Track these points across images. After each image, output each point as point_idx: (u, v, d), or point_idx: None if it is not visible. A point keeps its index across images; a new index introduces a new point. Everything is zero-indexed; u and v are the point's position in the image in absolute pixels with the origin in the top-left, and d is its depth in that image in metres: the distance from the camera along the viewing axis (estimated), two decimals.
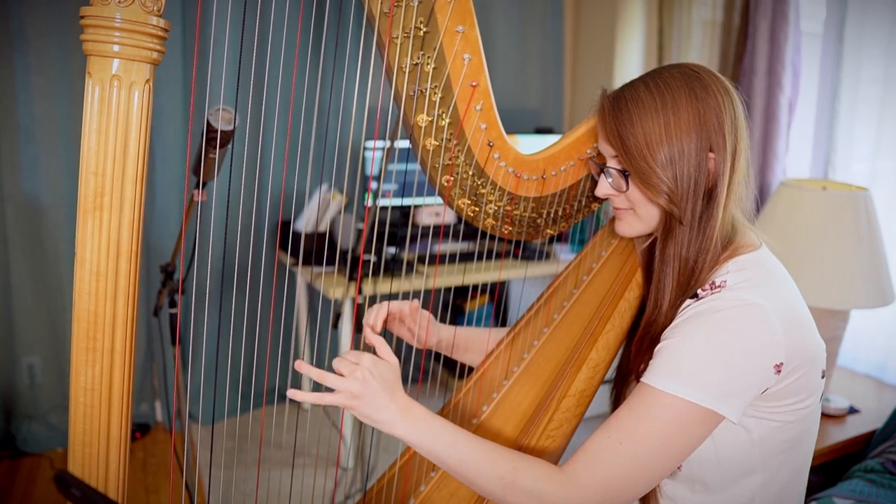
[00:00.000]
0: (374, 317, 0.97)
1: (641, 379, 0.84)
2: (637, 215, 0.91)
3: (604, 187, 0.92)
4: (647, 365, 0.87)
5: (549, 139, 2.84)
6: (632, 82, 0.88)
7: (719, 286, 0.85)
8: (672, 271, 0.88)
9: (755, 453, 0.87)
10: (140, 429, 2.61)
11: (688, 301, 0.87)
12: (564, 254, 2.57)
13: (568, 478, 0.81)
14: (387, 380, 0.81)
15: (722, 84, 0.86)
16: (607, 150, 0.90)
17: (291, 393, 0.79)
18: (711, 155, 0.85)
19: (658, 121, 0.83)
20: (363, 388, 0.79)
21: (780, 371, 0.82)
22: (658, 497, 0.92)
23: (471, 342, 1.14)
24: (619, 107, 0.86)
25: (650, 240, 0.96)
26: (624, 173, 0.88)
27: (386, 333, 1.02)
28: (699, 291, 0.87)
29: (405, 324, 1.05)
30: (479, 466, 0.81)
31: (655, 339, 0.88)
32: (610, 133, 0.87)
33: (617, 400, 1.02)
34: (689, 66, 0.87)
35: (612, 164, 0.90)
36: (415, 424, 0.81)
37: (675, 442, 0.80)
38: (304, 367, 0.81)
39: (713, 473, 0.88)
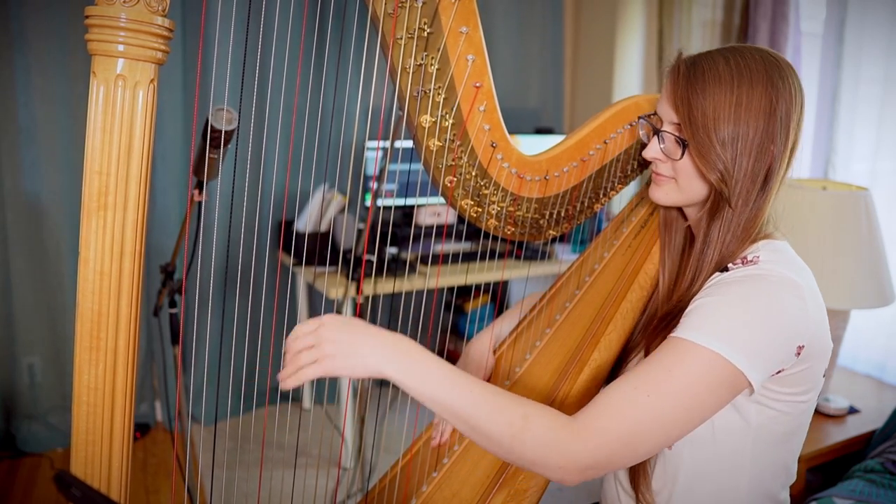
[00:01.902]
0: None
1: (673, 334, 0.81)
2: (678, 186, 0.90)
3: (653, 150, 0.90)
4: (658, 341, 0.86)
5: (550, 139, 2.85)
6: (710, 53, 0.86)
7: (751, 261, 0.85)
8: (714, 253, 0.87)
9: (748, 442, 0.87)
10: (140, 429, 2.61)
11: (717, 274, 0.87)
12: (565, 254, 2.57)
13: (582, 428, 0.75)
14: (355, 325, 0.74)
15: (797, 79, 0.85)
16: (669, 115, 0.88)
17: (282, 382, 0.74)
18: (772, 146, 0.84)
19: (731, 98, 0.82)
20: (334, 345, 0.72)
21: (799, 353, 0.81)
22: (650, 483, 0.92)
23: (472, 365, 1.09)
24: (694, 73, 0.84)
25: (688, 223, 0.96)
26: (681, 141, 0.86)
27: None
28: (729, 265, 0.87)
29: None
30: (486, 411, 0.73)
31: (678, 316, 0.87)
32: (679, 98, 0.85)
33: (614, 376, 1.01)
34: (770, 52, 0.86)
35: (669, 128, 0.88)
36: (407, 362, 0.73)
37: (702, 399, 0.77)
38: (282, 376, 0.75)
39: (705, 459, 0.88)
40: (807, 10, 2.44)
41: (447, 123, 0.88)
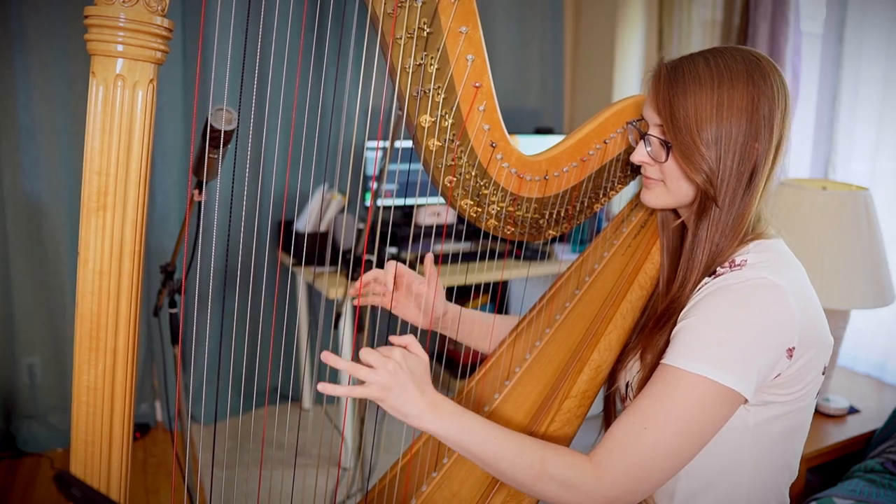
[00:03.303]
0: (385, 274, 0.96)
1: (662, 361, 0.83)
2: (667, 188, 0.90)
3: (640, 154, 0.91)
4: (657, 344, 0.87)
5: (550, 139, 2.84)
6: (692, 56, 0.87)
7: (739, 265, 0.85)
8: (703, 254, 0.88)
9: (747, 442, 0.87)
10: (140, 429, 2.61)
11: (705, 279, 0.87)
12: (565, 254, 2.57)
13: (596, 466, 0.80)
14: (416, 373, 0.81)
15: (779, 76, 0.86)
16: (653, 118, 0.89)
17: (322, 387, 0.78)
18: (756, 144, 0.85)
19: (712, 99, 0.83)
20: (393, 380, 0.78)
21: (791, 355, 0.82)
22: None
23: (475, 324, 1.14)
24: (675, 77, 0.85)
25: (679, 220, 0.96)
26: (665, 144, 0.87)
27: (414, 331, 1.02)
28: (718, 268, 0.87)
29: (412, 292, 1.05)
30: (508, 457, 0.80)
31: (671, 318, 0.88)
32: (661, 101, 0.86)
33: (610, 384, 1.02)
34: (751, 51, 0.87)
35: (654, 132, 0.89)
36: (444, 418, 0.80)
37: (698, 423, 0.79)
38: (331, 358, 0.78)
39: (705, 459, 0.87)
40: (807, 10, 2.44)
41: (447, 123, 0.88)
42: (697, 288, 0.88)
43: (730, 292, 0.83)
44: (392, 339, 0.85)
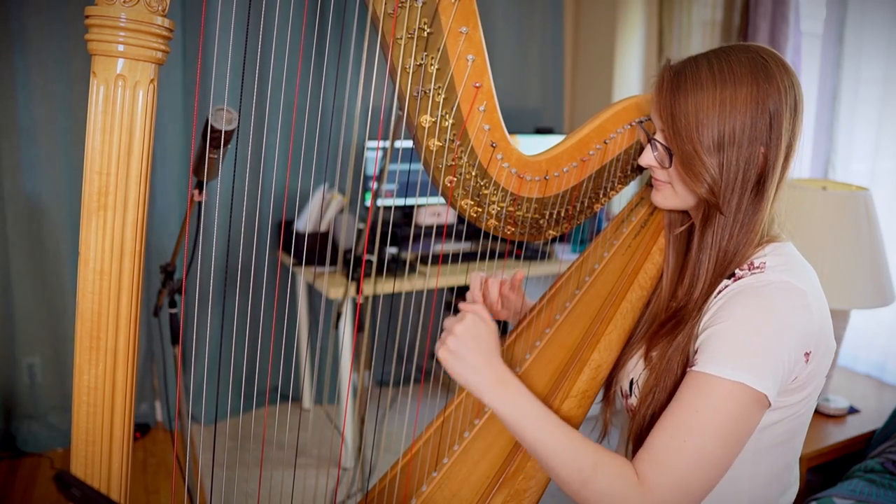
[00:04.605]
0: (483, 291, 0.98)
1: (693, 368, 0.81)
2: (674, 191, 0.90)
3: (647, 157, 0.90)
4: (663, 345, 0.87)
5: (550, 139, 2.85)
6: (696, 58, 0.85)
7: (758, 267, 0.85)
8: (709, 260, 0.87)
9: (751, 442, 0.86)
10: (140, 429, 2.61)
11: (725, 282, 0.86)
12: (566, 254, 2.57)
13: (643, 482, 0.78)
14: (482, 341, 0.83)
15: (788, 75, 0.82)
16: (657, 123, 0.88)
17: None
18: (762, 149, 0.82)
19: (713, 102, 0.81)
20: (458, 344, 0.81)
21: (808, 360, 0.82)
22: None
23: None
24: (677, 82, 0.83)
25: (687, 224, 0.95)
26: (668, 150, 0.86)
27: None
28: (737, 271, 0.86)
29: (507, 299, 1.10)
30: (561, 454, 0.80)
31: (682, 322, 0.88)
32: (662, 107, 0.85)
33: (609, 384, 1.02)
34: (758, 50, 0.84)
35: (659, 137, 0.88)
36: (505, 396, 0.81)
37: (736, 429, 0.78)
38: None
39: None
40: (807, 10, 2.44)
41: (447, 123, 0.88)
42: (717, 291, 0.87)
43: (755, 295, 0.82)
44: (461, 305, 0.86)
